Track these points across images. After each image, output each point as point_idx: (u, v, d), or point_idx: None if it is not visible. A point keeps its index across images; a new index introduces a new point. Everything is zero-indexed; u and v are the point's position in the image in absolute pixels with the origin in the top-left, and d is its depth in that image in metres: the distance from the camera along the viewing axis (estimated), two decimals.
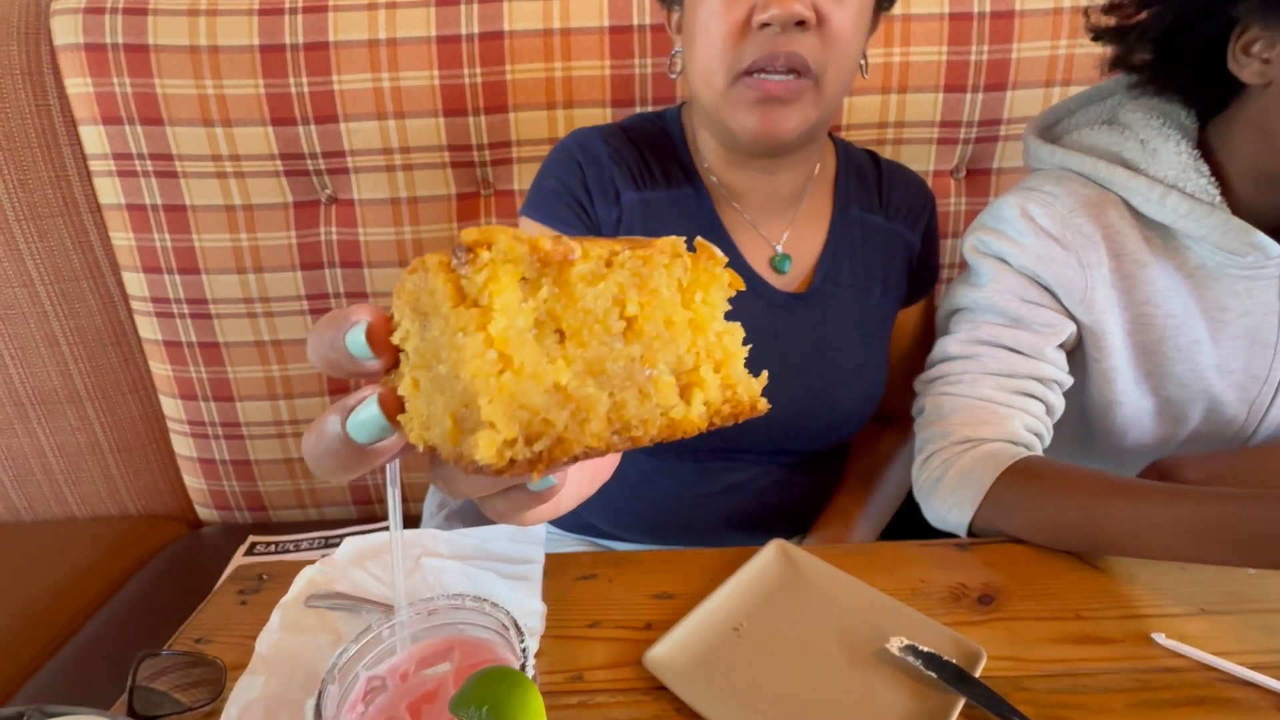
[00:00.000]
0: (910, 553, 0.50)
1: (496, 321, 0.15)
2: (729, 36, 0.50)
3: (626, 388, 0.16)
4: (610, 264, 0.16)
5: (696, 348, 0.18)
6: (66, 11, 0.76)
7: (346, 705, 0.27)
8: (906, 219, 0.67)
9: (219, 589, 0.48)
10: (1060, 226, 0.57)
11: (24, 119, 0.79)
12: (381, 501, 0.97)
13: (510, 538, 0.50)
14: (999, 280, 0.59)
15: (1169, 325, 0.58)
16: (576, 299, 0.16)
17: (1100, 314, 0.58)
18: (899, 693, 0.38)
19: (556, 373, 0.15)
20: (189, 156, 0.79)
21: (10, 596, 0.82)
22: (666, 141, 0.64)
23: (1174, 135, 0.55)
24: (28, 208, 0.82)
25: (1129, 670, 0.40)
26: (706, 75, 0.53)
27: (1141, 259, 0.57)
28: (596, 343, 0.16)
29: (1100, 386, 0.61)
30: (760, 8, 0.48)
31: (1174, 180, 0.54)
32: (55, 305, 0.85)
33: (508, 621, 0.29)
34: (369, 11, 0.76)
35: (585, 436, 0.15)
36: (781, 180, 0.62)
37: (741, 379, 0.19)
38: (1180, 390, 0.59)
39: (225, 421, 0.90)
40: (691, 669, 0.39)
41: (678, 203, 0.62)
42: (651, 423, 0.17)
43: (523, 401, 0.15)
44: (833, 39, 0.50)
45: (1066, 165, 0.59)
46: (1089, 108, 0.63)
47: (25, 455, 0.92)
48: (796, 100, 0.51)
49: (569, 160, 0.61)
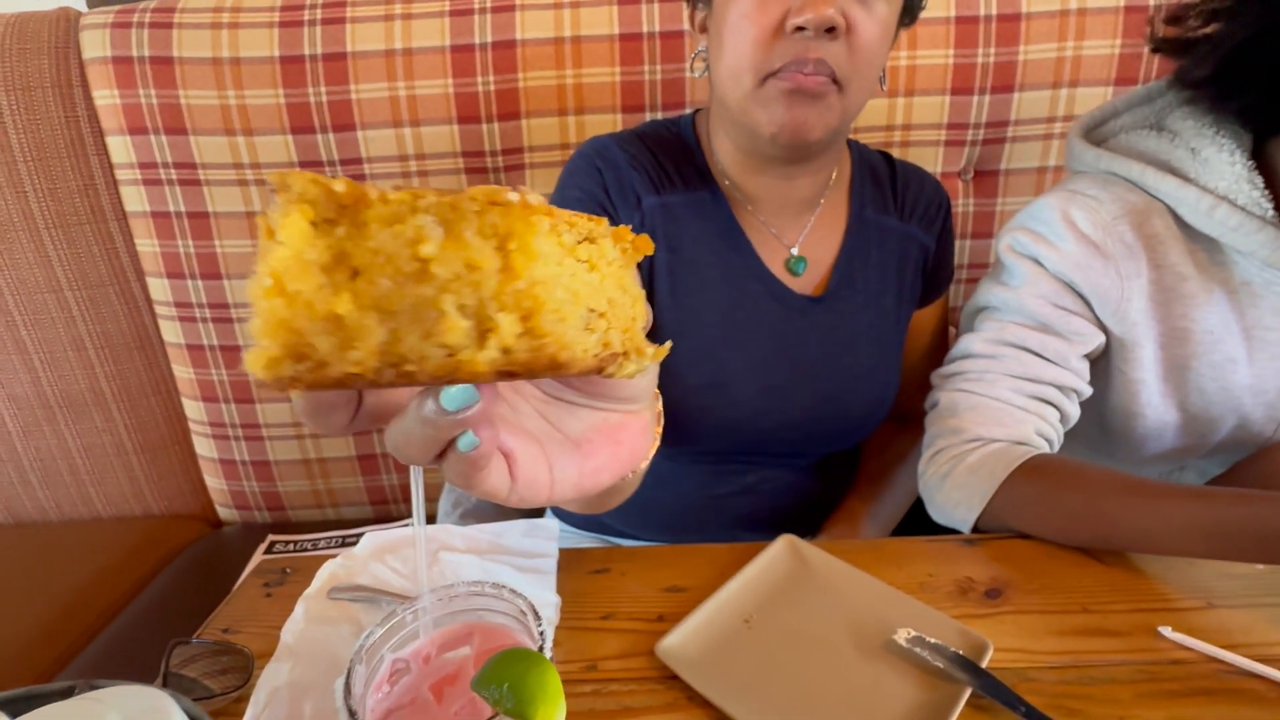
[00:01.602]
0: (917, 548, 0.51)
1: (277, 253, 0.16)
2: (760, 38, 0.51)
3: (411, 326, 0.17)
4: (414, 210, 0.17)
5: (503, 293, 0.18)
6: (95, 26, 0.79)
7: (373, 685, 0.29)
8: (922, 221, 0.67)
9: (244, 582, 0.50)
10: (1102, 234, 0.55)
11: (54, 130, 0.82)
12: (396, 502, 0.99)
13: (525, 533, 0.51)
14: (1033, 283, 0.58)
15: (1205, 341, 0.56)
16: (369, 239, 0.17)
17: (1133, 325, 0.57)
18: (907, 682, 0.39)
19: (336, 304, 0.17)
20: (211, 165, 0.81)
21: (41, 593, 0.84)
22: (682, 147, 0.64)
23: (1228, 145, 0.52)
24: (57, 216, 0.84)
25: (1136, 662, 0.40)
26: (736, 74, 0.53)
27: (1183, 271, 0.56)
28: (387, 281, 0.17)
29: (1124, 397, 0.60)
30: (794, 11, 0.49)
31: (1225, 191, 0.52)
32: (82, 310, 0.88)
33: (525, 607, 0.30)
34: (385, 23, 0.78)
35: (347, 363, 0.17)
36: (799, 185, 0.62)
37: (554, 332, 0.18)
38: (1209, 407, 0.58)
39: (245, 423, 0.92)
40: (703, 659, 0.40)
41: (696, 206, 0.62)
42: (430, 359, 0.17)
43: (291, 325, 0.16)
44: (859, 48, 0.51)
45: (1113, 170, 0.58)
46: (1136, 110, 0.61)
47: (53, 456, 0.94)
48: (824, 97, 0.52)
49: (589, 167, 0.62)
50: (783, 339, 0.62)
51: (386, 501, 0.98)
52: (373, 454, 0.95)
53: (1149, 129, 0.58)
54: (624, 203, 0.60)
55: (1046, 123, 0.81)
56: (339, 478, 0.96)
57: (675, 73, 0.80)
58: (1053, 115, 0.81)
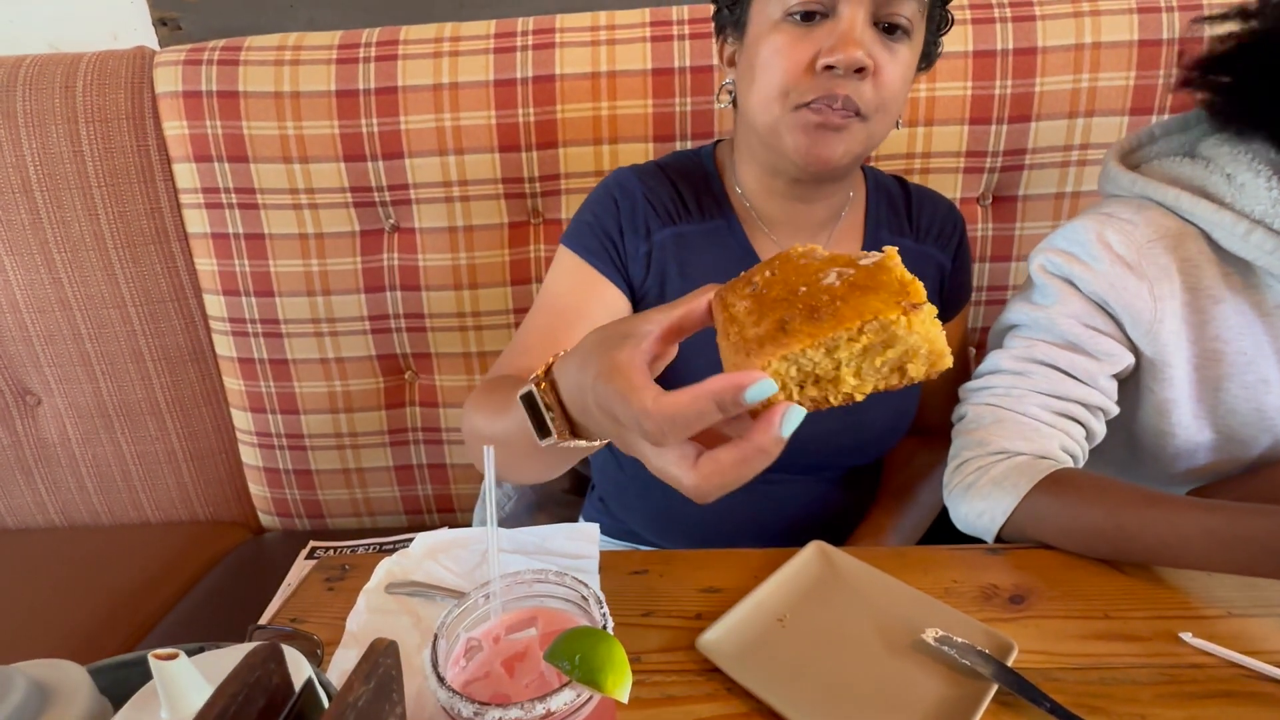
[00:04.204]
0: (942, 556, 0.53)
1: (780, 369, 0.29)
2: (791, 74, 0.54)
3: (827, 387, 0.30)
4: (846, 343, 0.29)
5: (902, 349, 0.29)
6: (169, 64, 0.86)
7: (450, 660, 0.32)
8: (937, 241, 0.69)
9: (307, 577, 0.53)
10: (1136, 255, 0.57)
11: (126, 158, 0.88)
12: (430, 512, 1.02)
13: (568, 536, 0.54)
14: (1064, 303, 0.59)
15: (1238, 362, 0.57)
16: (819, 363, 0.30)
17: (1164, 346, 0.57)
18: (934, 679, 0.41)
19: None
20: (269, 190, 0.87)
21: (94, 593, 0.88)
22: (702, 175, 0.67)
23: (1264, 170, 0.54)
24: (124, 237, 0.90)
25: (1156, 665, 0.42)
26: (766, 103, 0.56)
27: (1217, 294, 0.57)
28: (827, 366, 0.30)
29: (1154, 416, 0.61)
30: (825, 52, 0.52)
31: (1261, 215, 0.53)
32: (143, 324, 0.94)
33: (587, 593, 0.33)
34: (434, 59, 0.84)
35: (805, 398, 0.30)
36: (816, 209, 0.65)
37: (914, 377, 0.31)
38: (1242, 427, 0.59)
39: (290, 433, 0.96)
40: (741, 654, 0.43)
41: (711, 235, 0.65)
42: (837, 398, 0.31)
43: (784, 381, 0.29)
44: (883, 86, 0.54)
45: (1148, 194, 0.59)
46: (1171, 137, 0.63)
47: (109, 463, 0.99)
48: (848, 129, 0.55)
49: (607, 198, 0.65)
50: None
51: (421, 512, 1.02)
52: (409, 465, 0.99)
53: (1183, 156, 0.60)
54: (634, 234, 0.64)
55: (1063, 150, 0.84)
56: (376, 487, 1.00)
57: (704, 105, 0.84)
58: (1069, 144, 0.84)
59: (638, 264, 0.64)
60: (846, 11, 0.52)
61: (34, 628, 0.83)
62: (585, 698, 0.29)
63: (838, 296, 0.28)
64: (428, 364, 0.95)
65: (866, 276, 0.29)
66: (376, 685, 0.20)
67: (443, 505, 1.02)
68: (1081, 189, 0.86)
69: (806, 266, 0.31)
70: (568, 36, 0.84)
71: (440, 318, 0.92)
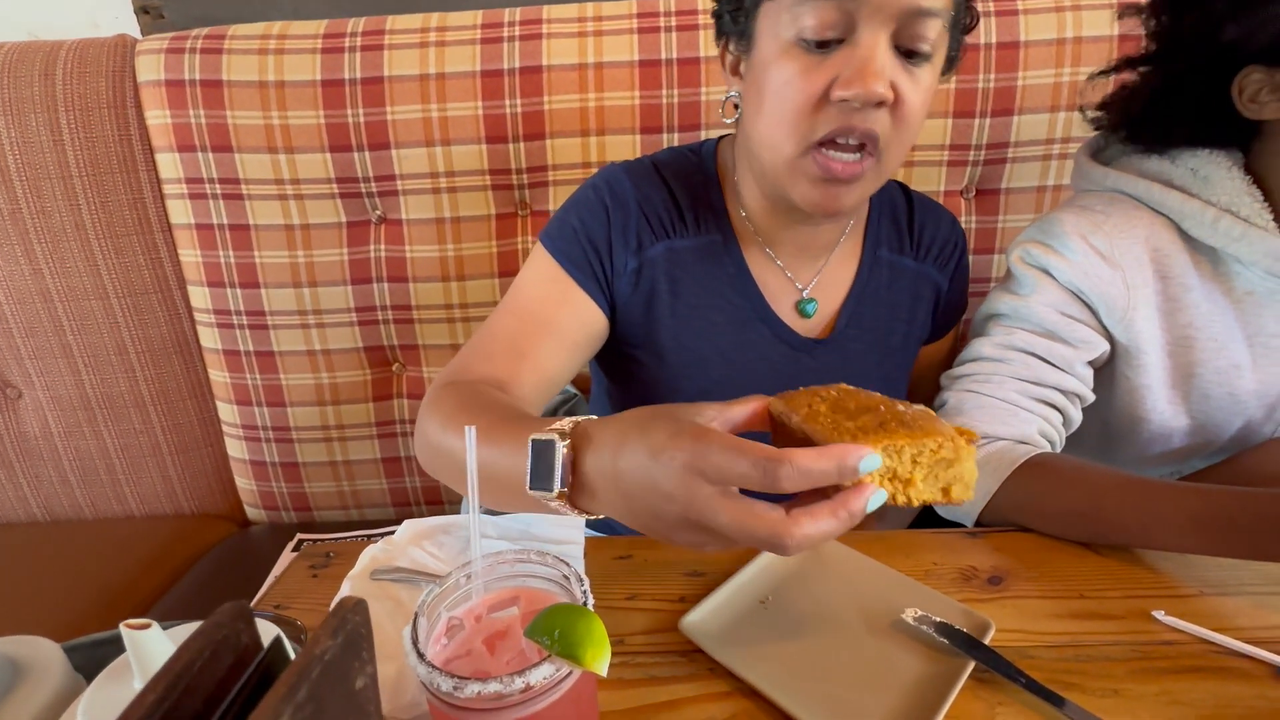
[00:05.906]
0: (923, 539, 0.54)
1: None
2: (804, 107, 0.49)
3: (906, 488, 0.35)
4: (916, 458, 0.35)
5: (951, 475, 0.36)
6: (151, 52, 0.85)
7: (431, 639, 0.32)
8: (937, 261, 0.67)
9: (291, 563, 0.53)
10: (1109, 245, 0.58)
11: (108, 148, 0.87)
12: (418, 504, 1.02)
13: (553, 522, 0.54)
14: (1042, 292, 0.61)
15: (1209, 348, 0.59)
16: None
17: (1138, 333, 0.59)
18: (914, 657, 0.42)
19: None
20: (254, 180, 0.87)
21: (77, 588, 0.88)
22: (701, 181, 0.63)
23: (1223, 160, 0.56)
24: (107, 227, 0.89)
25: (1130, 643, 0.43)
26: (774, 143, 0.52)
27: (1188, 282, 0.58)
28: None
29: (1129, 402, 0.62)
30: (841, 84, 0.47)
31: (1227, 204, 0.55)
32: (126, 316, 0.93)
33: (568, 572, 0.34)
34: (420, 49, 0.84)
35: None
36: (823, 231, 0.62)
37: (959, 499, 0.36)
38: (1215, 412, 0.60)
39: (276, 426, 0.96)
40: (723, 634, 0.43)
41: (705, 251, 0.62)
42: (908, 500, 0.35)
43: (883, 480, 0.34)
44: (903, 117, 0.50)
45: (1119, 188, 0.61)
46: None
47: (92, 456, 0.98)
48: (860, 178, 0.52)
49: (598, 204, 0.60)
50: (789, 381, 0.61)
51: (409, 504, 1.02)
52: (396, 457, 0.99)
53: (1149, 153, 0.61)
54: (624, 248, 0.60)
55: (1045, 144, 0.85)
56: (363, 479, 0.99)
57: (691, 96, 0.84)
58: (1051, 138, 0.85)
59: (625, 280, 0.60)
60: (867, 38, 0.47)
61: (16, 623, 0.83)
62: (564, 672, 0.29)
63: (918, 416, 0.35)
64: (415, 356, 0.95)
65: (924, 415, 0.35)
66: (345, 640, 0.20)
67: (430, 497, 1.02)
68: (1063, 182, 0.87)
69: (870, 395, 0.37)
70: (555, 28, 0.84)
71: (427, 309, 0.92)
